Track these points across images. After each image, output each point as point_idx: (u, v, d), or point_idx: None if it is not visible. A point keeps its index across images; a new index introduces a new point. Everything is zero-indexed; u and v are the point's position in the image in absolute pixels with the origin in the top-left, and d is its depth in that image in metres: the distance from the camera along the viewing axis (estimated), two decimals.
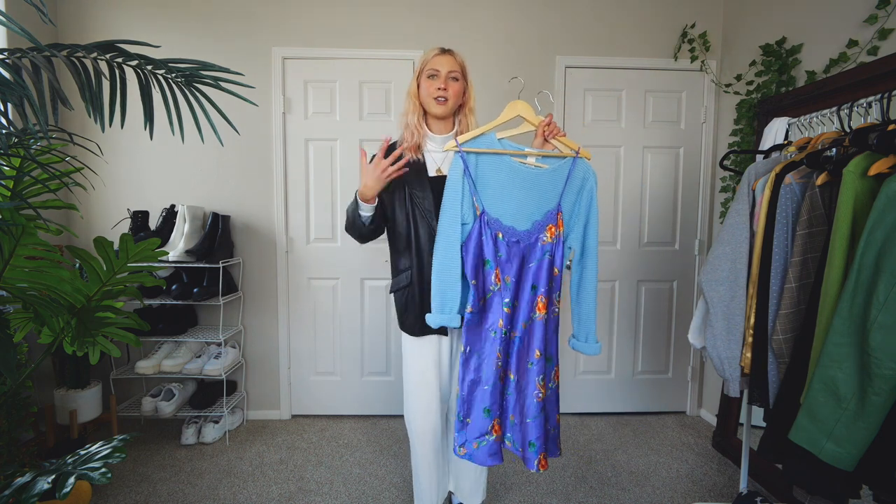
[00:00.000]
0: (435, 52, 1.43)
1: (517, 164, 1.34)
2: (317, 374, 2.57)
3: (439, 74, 1.40)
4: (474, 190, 1.32)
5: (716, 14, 2.47)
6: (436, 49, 1.44)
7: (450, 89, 1.40)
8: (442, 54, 1.43)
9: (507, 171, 1.34)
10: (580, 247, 1.36)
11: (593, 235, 1.36)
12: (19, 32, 0.79)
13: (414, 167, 1.42)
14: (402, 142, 1.47)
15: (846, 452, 1.04)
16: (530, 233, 1.33)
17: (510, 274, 1.32)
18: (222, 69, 0.99)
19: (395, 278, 1.52)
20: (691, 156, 2.55)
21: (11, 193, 1.05)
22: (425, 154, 1.46)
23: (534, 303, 1.31)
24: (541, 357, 1.30)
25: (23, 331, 1.16)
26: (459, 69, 1.43)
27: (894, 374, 0.97)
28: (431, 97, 1.41)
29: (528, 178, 1.34)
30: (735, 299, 1.45)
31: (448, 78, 1.40)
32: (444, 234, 1.31)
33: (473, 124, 1.46)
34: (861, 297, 1.02)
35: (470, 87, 1.46)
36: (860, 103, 1.36)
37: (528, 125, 1.43)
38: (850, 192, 1.11)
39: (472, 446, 1.32)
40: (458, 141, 1.33)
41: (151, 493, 1.87)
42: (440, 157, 1.46)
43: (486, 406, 1.31)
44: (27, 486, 0.93)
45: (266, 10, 2.40)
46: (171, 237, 2.25)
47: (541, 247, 1.32)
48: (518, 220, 1.34)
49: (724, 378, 1.48)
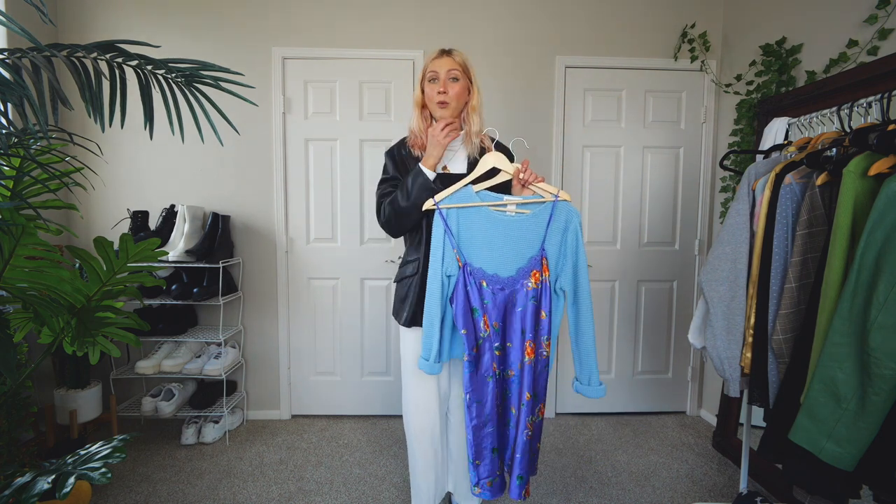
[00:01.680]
0: (434, 55, 1.42)
1: (497, 214, 1.36)
2: (317, 374, 2.57)
3: (438, 77, 1.40)
4: (455, 244, 1.34)
5: (716, 14, 2.47)
6: (435, 52, 1.43)
7: (450, 91, 1.39)
8: (440, 56, 1.41)
9: (486, 221, 1.35)
10: (572, 288, 1.35)
11: (584, 276, 1.34)
12: (19, 32, 0.79)
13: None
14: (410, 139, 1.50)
15: (846, 452, 1.04)
16: (515, 279, 1.34)
17: (497, 319, 1.35)
18: (222, 69, 0.99)
19: (401, 268, 1.53)
20: (691, 156, 2.55)
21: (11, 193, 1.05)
22: None
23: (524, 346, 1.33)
24: (530, 398, 1.33)
25: (23, 331, 1.16)
26: (459, 68, 1.41)
27: (894, 374, 0.97)
28: (434, 102, 1.41)
29: (509, 227, 1.35)
30: (735, 299, 1.45)
31: (447, 79, 1.39)
32: (428, 287, 1.35)
33: (478, 124, 1.45)
34: (861, 297, 1.02)
35: (474, 85, 1.44)
36: (860, 103, 1.36)
37: (505, 174, 1.42)
38: (850, 192, 1.10)
39: (486, 485, 1.38)
40: (435, 199, 1.34)
41: (151, 493, 1.87)
42: (448, 156, 1.48)
43: (494, 446, 1.37)
44: (27, 486, 0.93)
45: (266, 10, 2.40)
46: (171, 237, 2.25)
47: (525, 292, 1.33)
48: (501, 267, 1.35)
49: (724, 378, 1.48)
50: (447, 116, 1.42)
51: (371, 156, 2.48)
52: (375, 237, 2.51)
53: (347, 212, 2.49)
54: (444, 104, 1.41)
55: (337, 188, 2.49)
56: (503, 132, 1.53)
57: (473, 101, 1.45)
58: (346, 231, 2.50)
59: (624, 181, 2.54)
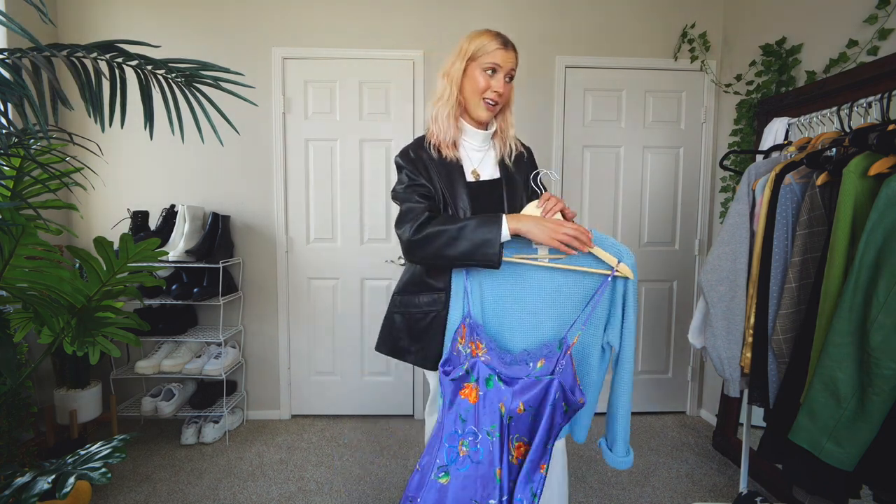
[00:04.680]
0: (497, 44, 1.17)
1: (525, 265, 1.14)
2: (317, 374, 2.57)
3: (498, 72, 1.17)
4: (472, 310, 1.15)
5: (716, 14, 2.47)
6: (496, 39, 1.17)
7: (506, 92, 1.20)
8: (505, 48, 1.17)
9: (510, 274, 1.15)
10: (618, 345, 1.13)
11: (631, 334, 1.12)
12: (19, 32, 0.79)
13: (447, 168, 1.21)
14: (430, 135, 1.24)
15: (846, 453, 1.04)
16: (529, 356, 1.13)
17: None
18: (222, 69, 0.99)
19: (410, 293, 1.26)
20: (691, 156, 2.55)
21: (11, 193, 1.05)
22: (460, 151, 1.24)
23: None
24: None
25: (23, 331, 1.16)
26: (516, 69, 1.21)
27: (894, 373, 0.97)
28: (479, 96, 1.18)
29: (542, 281, 1.13)
30: (735, 299, 1.45)
31: (506, 78, 1.19)
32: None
33: (511, 123, 1.27)
34: (861, 296, 1.02)
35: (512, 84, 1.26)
36: (860, 103, 1.36)
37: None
38: (850, 192, 1.11)
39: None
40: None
41: (151, 493, 1.87)
42: (478, 157, 1.25)
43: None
44: (27, 486, 0.93)
45: (266, 10, 2.40)
46: (171, 237, 2.25)
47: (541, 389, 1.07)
48: (519, 335, 1.16)
49: (724, 378, 1.48)
50: (487, 118, 1.22)
51: (371, 156, 2.48)
52: (375, 237, 2.51)
53: (347, 212, 2.49)
54: (495, 105, 1.20)
55: (337, 188, 2.49)
56: None
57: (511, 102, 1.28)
58: (346, 231, 2.50)
59: (624, 181, 2.54)
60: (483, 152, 1.26)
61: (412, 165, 1.22)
